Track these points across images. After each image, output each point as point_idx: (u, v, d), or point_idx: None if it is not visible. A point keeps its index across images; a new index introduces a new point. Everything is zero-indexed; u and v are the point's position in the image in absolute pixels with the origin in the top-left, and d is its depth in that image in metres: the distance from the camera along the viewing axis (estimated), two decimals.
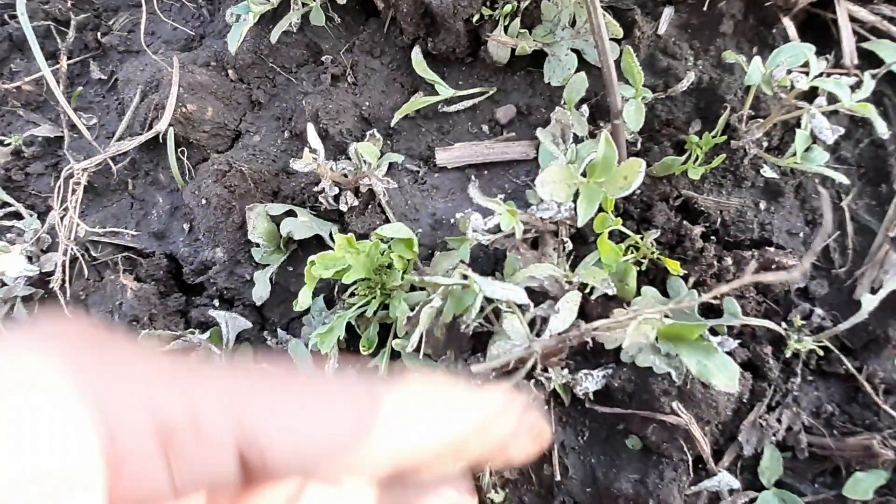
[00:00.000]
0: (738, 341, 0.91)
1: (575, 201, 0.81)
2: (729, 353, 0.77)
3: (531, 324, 0.93)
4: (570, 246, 0.95)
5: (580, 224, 0.80)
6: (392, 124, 1.06)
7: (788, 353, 0.87)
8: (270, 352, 1.06)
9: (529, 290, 0.95)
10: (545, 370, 0.96)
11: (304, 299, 0.84)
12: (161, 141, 1.04)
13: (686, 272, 0.87)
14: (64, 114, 1.15)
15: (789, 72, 0.83)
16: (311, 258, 0.83)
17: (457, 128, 1.08)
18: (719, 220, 0.93)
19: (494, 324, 0.90)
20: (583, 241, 0.98)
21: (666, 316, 0.86)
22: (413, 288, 0.93)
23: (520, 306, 0.86)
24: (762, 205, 0.94)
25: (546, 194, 0.78)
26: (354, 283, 0.99)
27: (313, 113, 1.04)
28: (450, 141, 1.08)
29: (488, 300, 0.85)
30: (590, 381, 0.94)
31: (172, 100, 1.03)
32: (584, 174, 0.83)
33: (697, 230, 0.88)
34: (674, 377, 0.81)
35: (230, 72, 1.11)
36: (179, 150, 1.06)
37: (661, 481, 0.89)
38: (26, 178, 1.16)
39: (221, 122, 1.07)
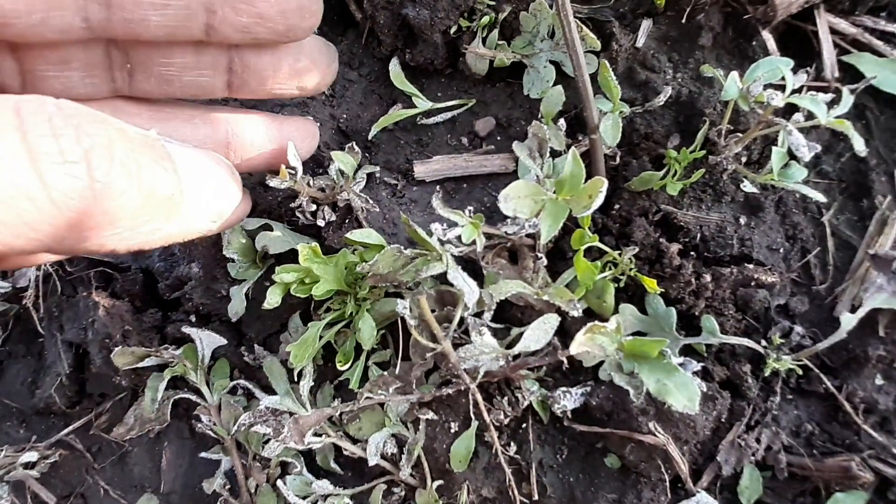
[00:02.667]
0: (716, 359, 0.90)
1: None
2: (701, 374, 0.76)
3: (506, 333, 0.92)
4: (544, 261, 0.93)
5: (543, 241, 0.79)
6: (370, 137, 1.05)
7: (768, 372, 0.86)
8: (248, 367, 1.05)
9: (512, 304, 0.94)
10: (520, 386, 0.95)
11: (272, 298, 0.83)
12: None
13: (664, 289, 0.86)
14: None
15: (767, 87, 0.82)
16: (277, 268, 0.82)
17: (436, 140, 1.07)
18: (699, 235, 0.92)
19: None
20: (561, 256, 0.96)
21: (638, 333, 0.85)
22: (388, 294, 0.92)
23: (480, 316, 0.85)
24: (742, 220, 0.93)
25: (509, 210, 0.76)
26: (329, 298, 0.97)
27: None
28: (429, 153, 1.06)
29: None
30: (568, 399, 0.93)
31: None
32: (555, 191, 0.81)
33: (674, 248, 0.86)
34: (632, 396, 0.80)
35: None
36: None
37: (639, 501, 0.87)
38: None
39: None
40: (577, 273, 0.85)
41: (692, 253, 0.91)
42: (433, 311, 0.91)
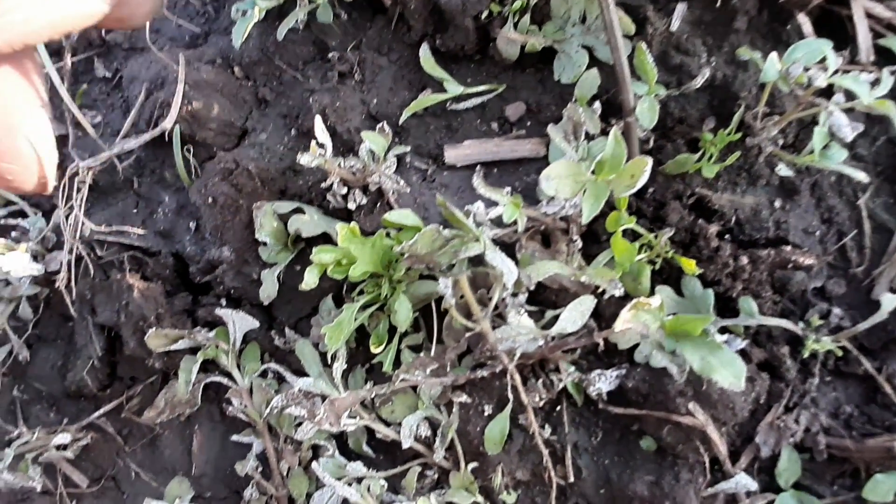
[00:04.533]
0: (753, 341, 0.90)
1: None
2: (741, 353, 0.76)
3: (540, 316, 0.92)
4: (580, 244, 0.93)
5: (584, 221, 0.78)
6: (400, 122, 1.05)
7: (806, 354, 0.86)
8: (278, 351, 1.05)
9: (545, 287, 0.94)
10: (556, 369, 0.95)
11: (309, 279, 0.83)
12: (167, 139, 1.03)
13: (701, 271, 0.86)
14: (68, 112, 1.14)
15: (806, 69, 0.81)
16: (315, 248, 0.82)
17: (466, 126, 1.07)
18: (734, 218, 0.92)
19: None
20: (595, 239, 0.96)
21: (674, 313, 0.85)
22: (423, 276, 0.92)
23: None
24: (777, 203, 0.92)
25: (551, 189, 0.76)
26: (363, 281, 0.97)
27: (320, 110, 1.02)
28: (459, 139, 1.06)
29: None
30: (603, 382, 0.93)
31: (178, 97, 1.02)
32: (594, 172, 0.81)
33: (713, 229, 0.86)
34: (675, 375, 0.80)
35: (236, 69, 1.10)
36: (185, 148, 1.05)
37: (677, 483, 0.87)
38: None
39: (227, 119, 1.06)
40: (615, 254, 0.85)
41: (727, 236, 0.91)
42: (463, 297, 0.91)
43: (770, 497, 0.86)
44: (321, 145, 0.86)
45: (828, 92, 0.86)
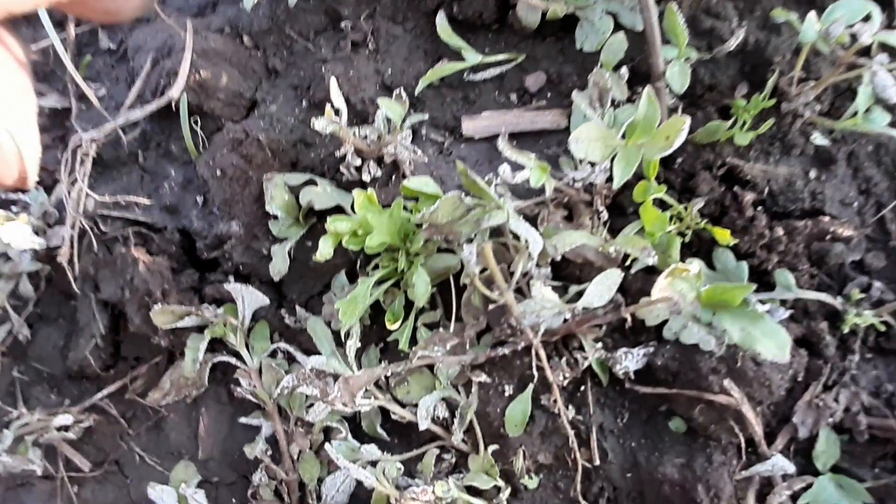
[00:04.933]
0: (790, 317, 0.86)
1: (612, 164, 0.76)
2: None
3: (563, 292, 0.88)
4: (605, 216, 0.89)
5: (615, 186, 0.74)
6: (416, 93, 1.01)
7: (846, 329, 0.82)
8: (288, 330, 1.01)
9: (569, 261, 0.90)
10: (580, 347, 0.90)
11: (324, 249, 0.79)
12: (174, 109, 0.99)
13: (736, 241, 0.82)
14: (72, 83, 1.10)
15: (848, 26, 0.77)
16: (330, 218, 0.78)
17: (483, 97, 1.03)
18: (767, 189, 0.87)
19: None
20: (620, 212, 0.92)
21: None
22: (441, 250, 0.88)
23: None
24: (812, 173, 0.88)
25: (580, 152, 0.72)
26: (378, 255, 0.94)
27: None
28: (476, 111, 1.02)
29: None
30: (630, 360, 0.89)
31: (186, 65, 0.98)
32: (623, 137, 0.77)
33: (749, 196, 0.82)
34: (713, 347, 0.76)
35: (245, 38, 1.06)
36: (192, 119, 1.01)
37: (710, 465, 0.83)
38: None
39: (236, 90, 1.02)
40: (646, 224, 0.81)
41: (759, 208, 0.87)
42: (484, 270, 0.87)
43: (808, 480, 0.82)
44: (336, 111, 0.82)
45: (865, 55, 0.82)
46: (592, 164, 0.82)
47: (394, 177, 0.98)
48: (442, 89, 1.04)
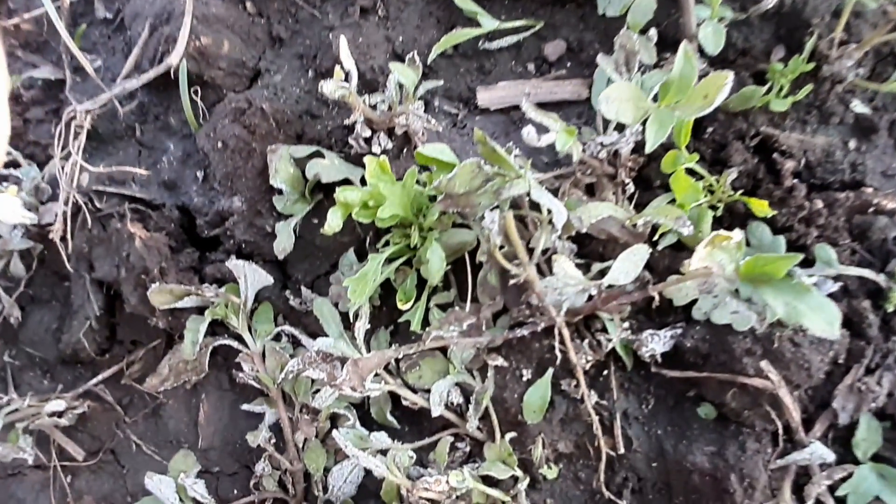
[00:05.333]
0: (829, 295, 0.80)
1: (643, 127, 0.70)
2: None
3: (585, 270, 0.83)
4: (631, 188, 0.84)
5: (649, 149, 0.69)
6: (428, 62, 0.96)
7: (889, 308, 0.77)
8: (293, 312, 0.95)
9: (592, 238, 0.85)
10: (603, 329, 0.85)
11: (333, 221, 0.74)
12: (172, 77, 0.94)
13: (774, 212, 0.76)
14: (66, 54, 1.05)
15: None
16: (339, 188, 0.73)
17: (499, 67, 0.98)
18: (803, 160, 0.82)
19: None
20: (646, 186, 0.87)
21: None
22: (456, 225, 0.83)
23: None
24: (852, 143, 0.83)
25: (610, 112, 0.67)
26: (388, 231, 0.88)
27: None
28: (492, 81, 0.97)
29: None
30: (656, 342, 0.84)
31: (185, 31, 0.93)
32: (655, 100, 0.72)
33: (790, 164, 0.77)
34: (755, 324, 0.70)
35: (248, 4, 1.01)
36: (192, 89, 0.96)
37: (743, 453, 0.78)
38: (25, 125, 1.05)
39: (239, 58, 0.97)
40: (677, 194, 0.75)
41: (797, 179, 0.82)
42: (502, 247, 0.82)
43: (848, 469, 0.77)
44: (346, 74, 0.77)
45: None
46: (620, 130, 0.77)
47: (405, 150, 0.92)
48: (456, 59, 0.98)
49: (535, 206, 0.82)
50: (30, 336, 1.01)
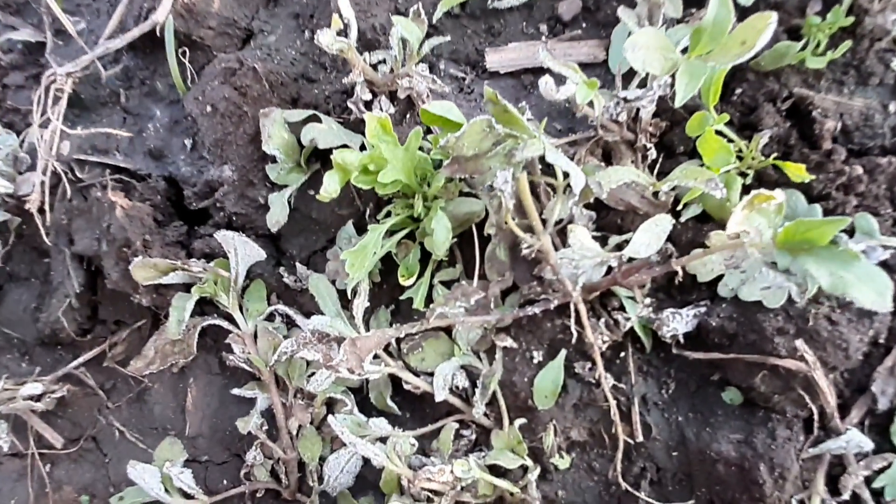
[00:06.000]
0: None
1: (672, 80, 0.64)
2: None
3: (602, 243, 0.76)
4: (653, 154, 0.78)
5: (679, 103, 0.63)
6: (434, 21, 0.89)
7: None
8: (288, 291, 0.89)
9: (609, 208, 0.79)
10: (620, 307, 0.79)
11: (330, 185, 0.68)
12: (158, 36, 0.88)
13: (812, 177, 0.70)
14: (48, 15, 0.99)
15: None
16: (336, 151, 0.67)
17: (510, 28, 0.91)
18: (839, 124, 0.76)
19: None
20: (668, 152, 0.81)
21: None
22: (462, 195, 0.76)
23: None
24: (892, 106, 0.77)
25: (637, 61, 0.61)
26: (390, 201, 0.82)
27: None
28: (501, 43, 0.91)
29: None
30: (678, 322, 0.77)
31: None
32: (684, 51, 0.66)
33: (830, 124, 0.70)
34: (794, 296, 0.64)
35: None
36: (180, 50, 0.90)
37: (773, 441, 0.72)
38: (3, 91, 0.99)
39: (230, 17, 0.91)
40: (705, 158, 0.69)
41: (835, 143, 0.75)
42: (514, 219, 0.75)
43: (888, 459, 0.71)
44: (345, 25, 0.71)
45: None
46: (643, 85, 0.70)
47: (409, 115, 0.86)
48: (463, 19, 0.92)
49: (549, 173, 0.76)
50: (6, 315, 0.95)
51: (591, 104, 0.71)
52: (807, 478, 0.73)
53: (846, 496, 0.71)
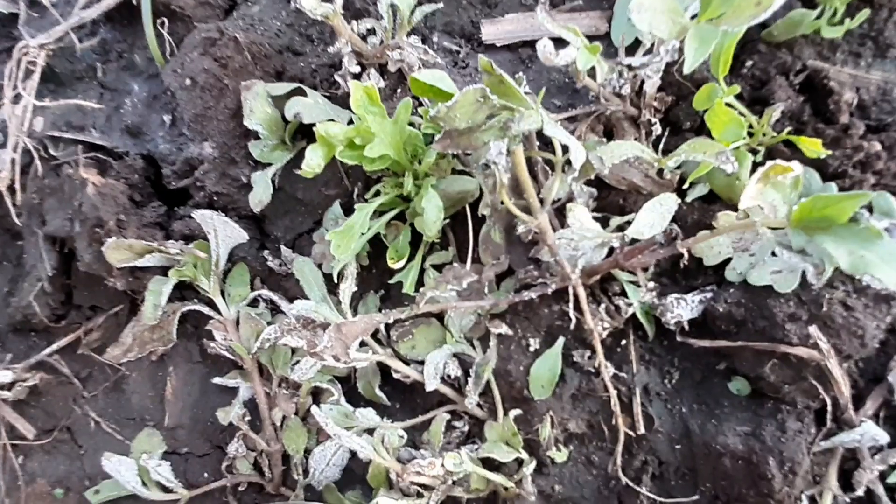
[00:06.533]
0: None
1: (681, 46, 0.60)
2: None
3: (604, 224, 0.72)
4: (658, 129, 0.73)
5: (688, 69, 0.58)
6: None
7: None
8: (272, 275, 0.85)
9: (610, 188, 0.74)
10: (621, 293, 0.75)
11: (312, 160, 0.63)
12: (136, 3, 0.83)
13: (828, 152, 0.66)
14: None
15: None
16: (319, 123, 0.62)
17: None
18: (856, 99, 0.71)
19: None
20: (674, 129, 0.76)
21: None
22: (455, 173, 0.72)
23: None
24: None
25: (643, 23, 0.56)
26: (379, 180, 0.78)
27: None
28: (498, 14, 0.86)
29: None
30: (683, 308, 0.73)
31: None
32: (694, 17, 0.61)
33: (848, 95, 0.66)
34: (810, 278, 0.60)
35: None
36: (159, 21, 0.85)
37: (783, 434, 0.68)
38: None
39: None
40: (714, 132, 0.65)
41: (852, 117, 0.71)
42: (510, 198, 0.71)
43: None
44: None
45: None
46: (649, 52, 0.66)
47: (399, 90, 0.82)
48: None
49: (547, 149, 0.72)
50: None
51: (592, 73, 0.66)
52: (818, 472, 0.69)
53: (860, 492, 0.67)
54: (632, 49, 0.75)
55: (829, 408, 0.67)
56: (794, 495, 0.67)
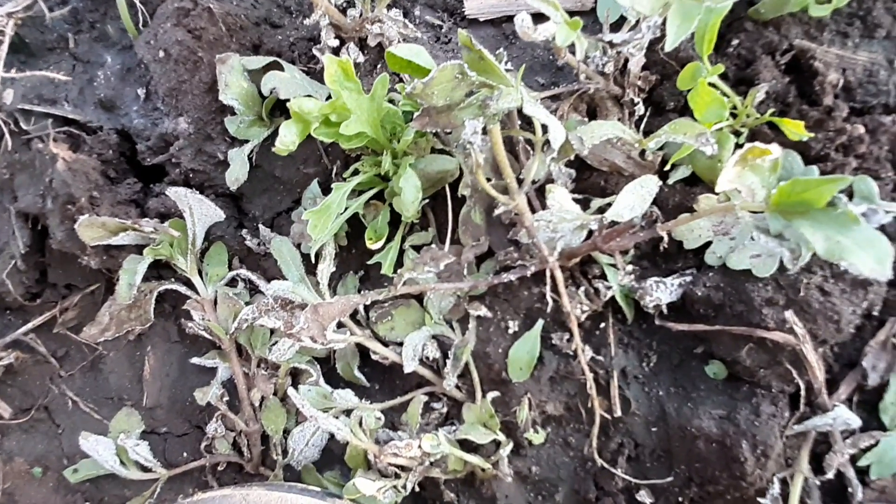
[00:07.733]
0: None
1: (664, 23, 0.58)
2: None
3: (585, 206, 0.71)
4: (640, 109, 0.72)
5: (670, 46, 0.57)
6: None
7: None
8: (251, 255, 0.84)
9: (592, 169, 0.73)
10: (601, 275, 0.74)
11: (287, 137, 0.62)
12: None
13: (810, 135, 0.65)
14: None
15: None
16: (293, 98, 0.61)
17: None
18: (842, 80, 0.70)
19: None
20: (657, 109, 0.75)
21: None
22: (434, 152, 0.71)
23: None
24: None
25: None
26: (358, 159, 0.76)
27: None
28: None
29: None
30: (662, 291, 0.73)
31: None
32: None
33: (833, 76, 0.65)
34: (786, 263, 0.60)
35: None
36: None
37: (757, 418, 0.68)
38: None
39: None
40: (697, 112, 0.64)
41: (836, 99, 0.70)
42: (489, 179, 0.70)
43: (876, 436, 0.67)
44: None
45: None
46: (633, 29, 0.64)
47: (379, 66, 0.80)
48: None
49: (528, 129, 0.70)
50: None
51: (573, 50, 0.65)
52: (790, 455, 0.69)
53: (830, 475, 0.68)
54: (617, 26, 0.74)
55: (803, 392, 0.67)
56: (766, 478, 0.68)
